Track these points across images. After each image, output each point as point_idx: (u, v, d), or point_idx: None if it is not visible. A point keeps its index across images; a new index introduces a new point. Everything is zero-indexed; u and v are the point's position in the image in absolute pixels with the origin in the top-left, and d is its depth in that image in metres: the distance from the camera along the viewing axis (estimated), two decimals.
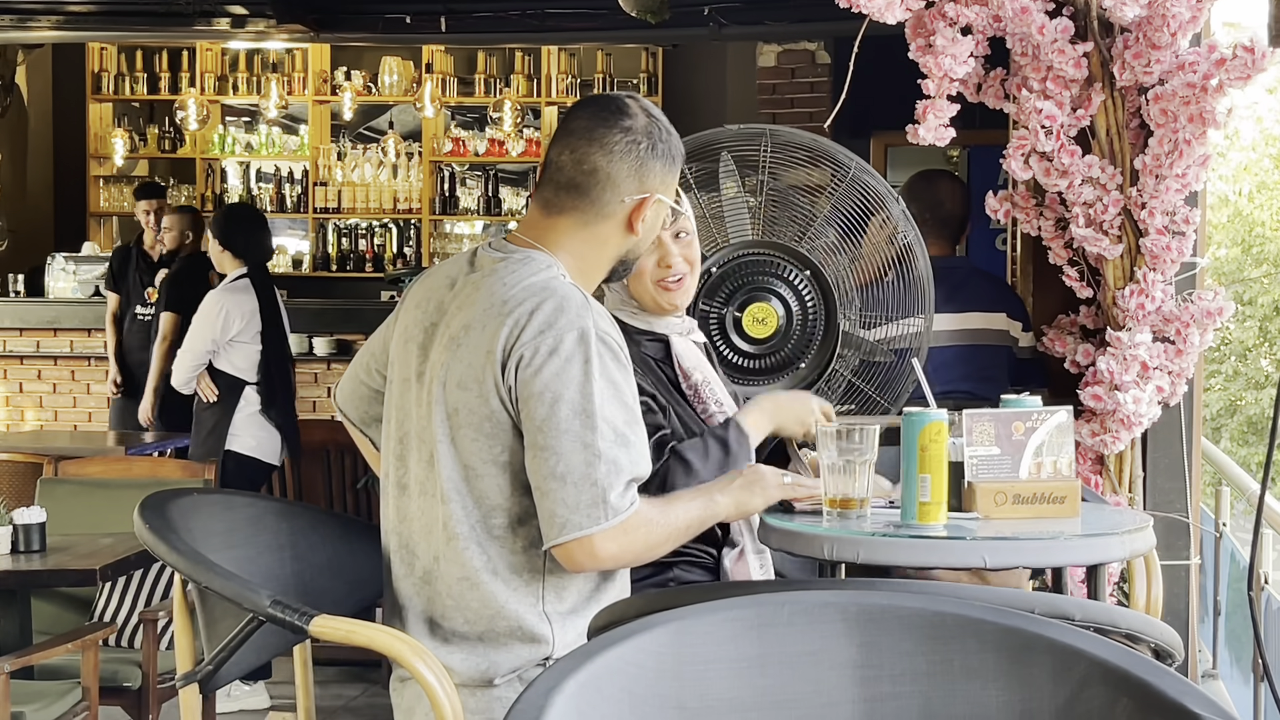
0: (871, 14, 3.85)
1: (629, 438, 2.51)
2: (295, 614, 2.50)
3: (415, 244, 12.20)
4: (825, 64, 10.08)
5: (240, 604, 2.52)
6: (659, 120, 2.70)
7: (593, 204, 2.63)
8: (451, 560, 2.58)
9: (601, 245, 2.69)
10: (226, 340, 6.52)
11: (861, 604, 1.86)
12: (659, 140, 2.67)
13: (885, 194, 3.90)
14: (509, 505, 2.56)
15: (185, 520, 2.75)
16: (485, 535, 2.57)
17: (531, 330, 2.49)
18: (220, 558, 2.65)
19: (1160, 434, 4.23)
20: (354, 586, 3.00)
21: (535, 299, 2.52)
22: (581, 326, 2.49)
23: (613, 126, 2.62)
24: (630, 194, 2.64)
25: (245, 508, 3.00)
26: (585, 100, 2.74)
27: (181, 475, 5.58)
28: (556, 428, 2.46)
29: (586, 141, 2.62)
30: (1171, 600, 4.20)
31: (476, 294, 2.58)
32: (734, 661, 1.80)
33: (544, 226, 2.67)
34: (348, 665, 5.84)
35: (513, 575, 2.58)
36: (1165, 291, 4.05)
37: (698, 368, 3.20)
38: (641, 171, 2.64)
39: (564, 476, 2.46)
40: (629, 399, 2.54)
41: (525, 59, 11.88)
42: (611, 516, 2.47)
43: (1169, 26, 3.82)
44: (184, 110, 11.72)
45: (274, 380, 6.61)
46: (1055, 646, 1.77)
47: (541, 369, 2.47)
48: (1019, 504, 2.80)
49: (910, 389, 3.86)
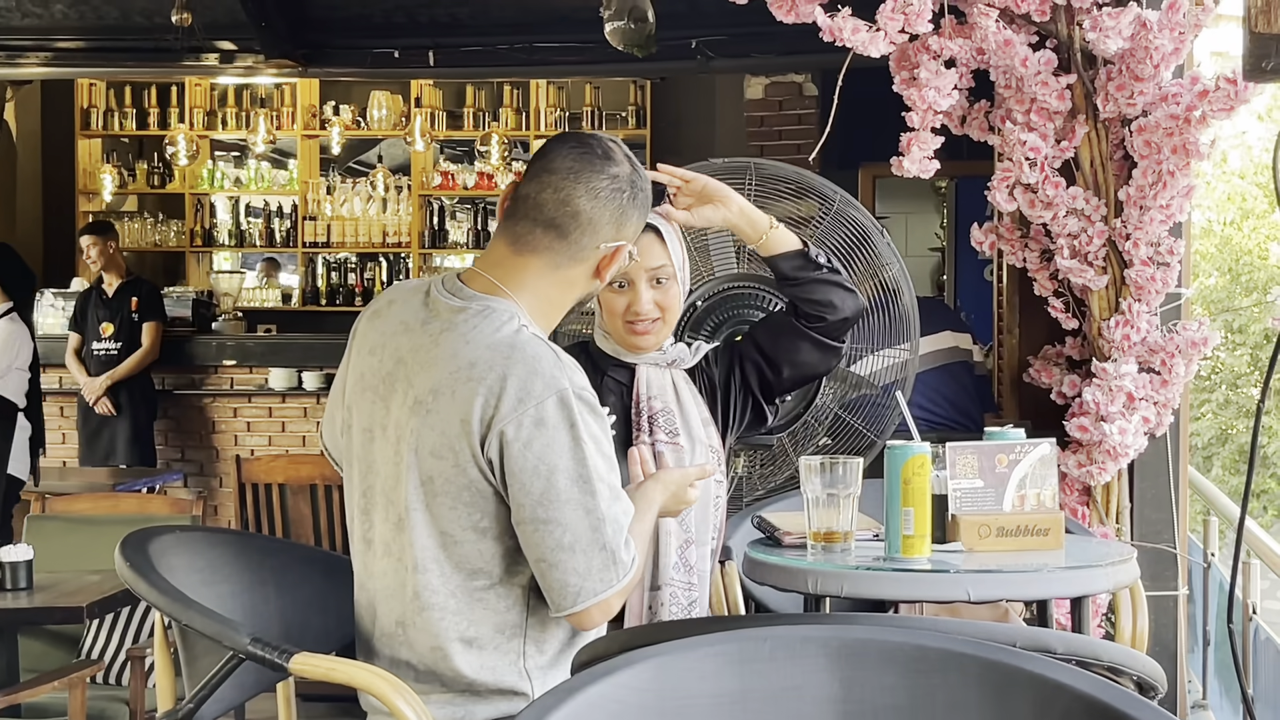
0: (856, 48, 3.86)
1: (617, 488, 2.48)
2: (275, 651, 2.49)
3: (405, 277, 12.17)
4: (813, 96, 10.11)
5: (220, 642, 2.51)
6: (639, 169, 2.64)
7: (569, 246, 2.55)
8: (423, 630, 2.53)
9: (568, 288, 2.61)
10: (13, 367, 7.45)
11: (843, 638, 1.86)
12: (639, 190, 2.61)
13: (870, 227, 3.91)
14: (491, 568, 2.51)
15: (167, 558, 2.73)
16: (467, 600, 2.52)
17: (509, 402, 2.41)
18: (202, 595, 2.64)
19: (1147, 465, 4.24)
20: (340, 622, 2.97)
21: (504, 363, 2.43)
22: (559, 389, 2.42)
23: (600, 171, 2.55)
24: (607, 240, 2.57)
25: (228, 545, 2.99)
26: (565, 138, 2.65)
27: (169, 511, 5.56)
28: (557, 499, 2.41)
29: (572, 182, 2.54)
30: (1160, 631, 4.20)
31: (436, 350, 2.50)
32: (716, 697, 1.79)
33: (510, 265, 2.57)
34: (336, 700, 5.81)
35: (495, 634, 2.53)
36: (1150, 322, 4.06)
37: (659, 397, 3.11)
38: (621, 220, 2.58)
39: (572, 546, 2.42)
40: (607, 448, 2.49)
41: (514, 92, 11.89)
42: (624, 575, 2.45)
43: (1152, 59, 3.84)
44: (173, 145, 11.72)
45: (40, 406, 7.81)
46: (1037, 680, 1.77)
47: (531, 443, 2.41)
48: (1003, 536, 2.80)
49: (897, 421, 3.87)
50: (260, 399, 9.49)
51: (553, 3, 8.55)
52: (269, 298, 12.29)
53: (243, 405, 9.51)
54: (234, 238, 12.38)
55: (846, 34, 3.83)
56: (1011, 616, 3.44)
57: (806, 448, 3.98)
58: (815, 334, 3.11)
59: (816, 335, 3.11)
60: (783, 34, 4.38)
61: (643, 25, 6.76)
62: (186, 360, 9.50)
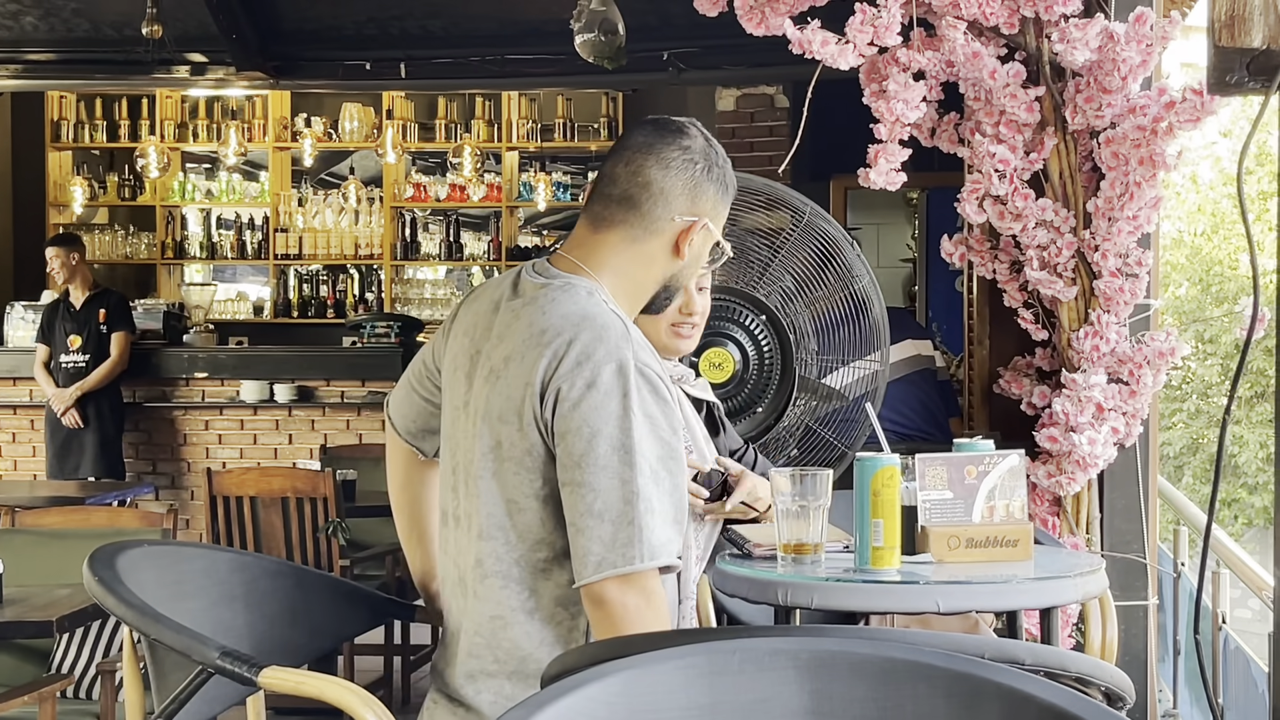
0: (825, 60, 3.87)
1: (662, 474, 2.44)
2: (244, 665, 2.47)
3: (377, 289, 12.18)
4: (784, 108, 10.14)
5: (189, 656, 2.49)
6: (717, 148, 2.66)
7: (643, 218, 2.57)
8: (484, 598, 2.54)
9: (648, 264, 2.62)
10: None
11: (813, 650, 1.86)
12: (715, 165, 2.63)
13: (840, 239, 3.92)
14: (552, 539, 2.51)
15: (135, 572, 2.71)
16: (529, 571, 2.52)
17: (569, 363, 2.43)
18: (171, 610, 2.63)
19: (1117, 475, 4.25)
20: (310, 635, 2.97)
21: (573, 329, 2.46)
22: (620, 358, 2.43)
23: (671, 144, 2.59)
24: (681, 213, 2.59)
25: (197, 559, 2.97)
26: (646, 120, 2.69)
27: (140, 525, 5.53)
28: (595, 463, 2.40)
29: (643, 154, 2.58)
30: (1130, 640, 4.21)
31: (516, 323, 2.53)
32: (685, 710, 1.79)
33: (591, 244, 2.60)
34: (309, 714, 5.79)
35: (557, 608, 2.52)
36: (1119, 333, 4.07)
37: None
38: (695, 192, 2.59)
39: (601, 514, 2.39)
40: (666, 434, 2.46)
41: (486, 104, 11.90)
42: (649, 559, 2.39)
43: (1119, 71, 3.86)
44: (144, 158, 11.66)
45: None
46: (1005, 691, 1.77)
47: (579, 403, 2.41)
48: (972, 548, 2.81)
49: (868, 433, 3.88)
50: (232, 411, 9.48)
51: (524, 15, 8.55)
52: (241, 310, 12.26)
53: (214, 418, 9.49)
54: (205, 250, 12.36)
55: (816, 46, 3.83)
56: (982, 627, 3.44)
57: (777, 459, 3.99)
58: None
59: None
60: (754, 46, 4.39)
61: (613, 38, 6.76)
62: (158, 373, 9.48)
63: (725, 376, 3.84)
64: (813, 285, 4.00)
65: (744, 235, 4.02)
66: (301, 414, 9.38)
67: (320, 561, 6.13)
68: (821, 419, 3.99)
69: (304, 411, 9.37)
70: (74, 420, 8.93)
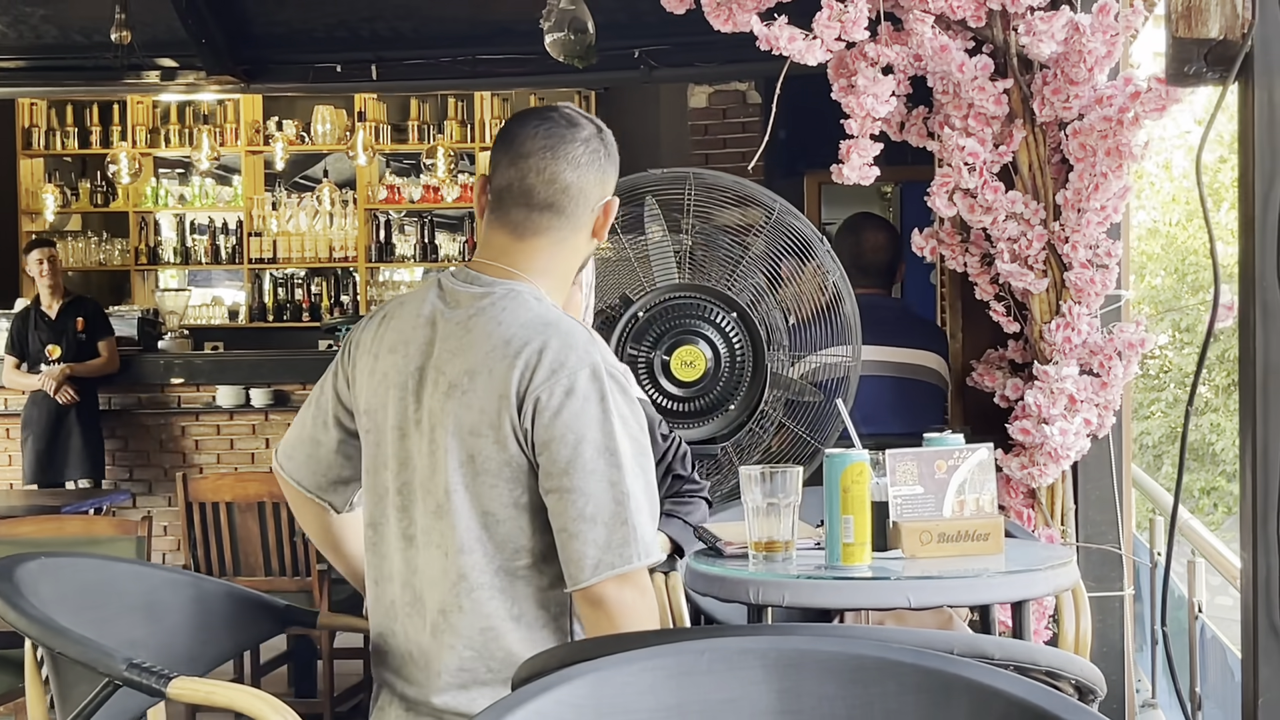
0: (793, 56, 3.86)
1: (637, 471, 2.48)
2: (153, 676, 2.42)
3: (352, 292, 12.16)
4: (756, 104, 10.14)
5: (95, 668, 2.44)
6: (598, 123, 2.69)
7: (569, 220, 2.61)
8: (471, 612, 2.53)
9: (574, 255, 2.68)
10: None
11: (781, 649, 1.85)
12: (606, 143, 2.66)
13: (810, 235, 3.92)
14: (531, 545, 2.53)
15: (35, 584, 2.65)
16: (509, 579, 2.53)
17: (544, 371, 2.46)
18: (73, 621, 2.57)
19: (1091, 466, 4.25)
20: (208, 645, 2.91)
21: (540, 337, 2.49)
22: (591, 362, 2.48)
23: (570, 140, 2.60)
24: (597, 202, 2.64)
25: (97, 570, 2.92)
26: (524, 118, 2.67)
27: (114, 533, 5.50)
28: (582, 468, 2.43)
29: (551, 159, 2.59)
30: (1107, 631, 4.22)
31: (469, 336, 2.54)
32: (653, 711, 1.78)
33: (516, 251, 2.61)
34: None
35: (540, 610, 2.55)
36: (1091, 324, 4.07)
37: None
38: (603, 177, 2.64)
39: (594, 517, 2.43)
40: (636, 431, 2.51)
41: (458, 105, 11.89)
42: (644, 556, 2.44)
43: (1085, 62, 3.86)
44: (116, 164, 11.64)
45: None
46: (973, 687, 1.77)
47: (560, 411, 2.44)
48: (944, 542, 2.81)
49: (840, 428, 3.87)
50: (208, 416, 9.44)
51: (494, 15, 8.53)
52: (216, 314, 12.24)
53: (190, 423, 9.46)
54: (179, 255, 12.34)
55: (783, 43, 3.83)
56: (955, 622, 3.44)
57: (751, 456, 3.99)
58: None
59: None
60: (725, 43, 4.39)
61: (583, 36, 6.75)
62: (133, 379, 9.43)
63: (697, 374, 3.84)
64: (784, 282, 3.99)
65: (715, 233, 4.01)
66: (278, 418, 9.34)
67: (298, 567, 6.10)
68: (793, 415, 3.99)
69: (281, 416, 9.34)
70: (68, 396, 8.83)
